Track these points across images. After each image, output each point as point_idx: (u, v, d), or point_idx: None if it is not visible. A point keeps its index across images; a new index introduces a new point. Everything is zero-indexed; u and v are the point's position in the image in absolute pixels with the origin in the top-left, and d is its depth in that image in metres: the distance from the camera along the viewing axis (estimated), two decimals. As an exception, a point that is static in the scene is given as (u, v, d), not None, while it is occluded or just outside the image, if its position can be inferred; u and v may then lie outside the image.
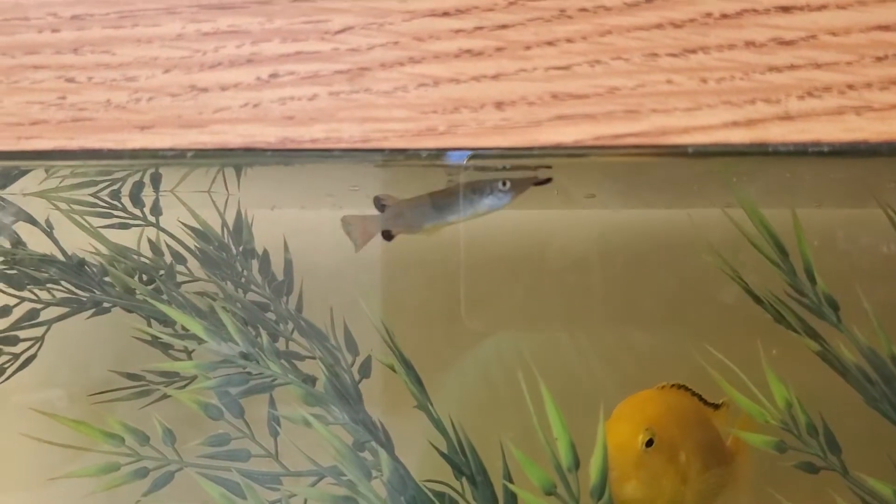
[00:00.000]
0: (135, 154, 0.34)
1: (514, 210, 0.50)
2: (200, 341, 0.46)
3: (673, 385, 0.49)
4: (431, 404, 0.46)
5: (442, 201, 0.47)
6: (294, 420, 0.46)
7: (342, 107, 0.33)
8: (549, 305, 0.61)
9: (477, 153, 0.34)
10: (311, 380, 0.47)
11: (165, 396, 0.52)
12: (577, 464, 0.40)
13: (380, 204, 0.48)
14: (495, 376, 0.55)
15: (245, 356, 0.45)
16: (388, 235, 0.49)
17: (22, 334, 0.56)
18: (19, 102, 0.35)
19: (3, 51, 0.35)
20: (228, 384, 0.45)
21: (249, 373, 0.46)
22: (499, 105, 0.33)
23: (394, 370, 0.48)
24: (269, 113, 0.34)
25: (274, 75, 0.34)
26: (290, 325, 0.52)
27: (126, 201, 0.58)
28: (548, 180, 0.45)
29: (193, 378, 0.53)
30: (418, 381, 0.47)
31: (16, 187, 0.58)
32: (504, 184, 0.46)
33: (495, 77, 0.33)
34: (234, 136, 0.34)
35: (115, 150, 0.34)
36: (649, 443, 0.44)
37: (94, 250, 0.55)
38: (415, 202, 0.48)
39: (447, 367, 0.59)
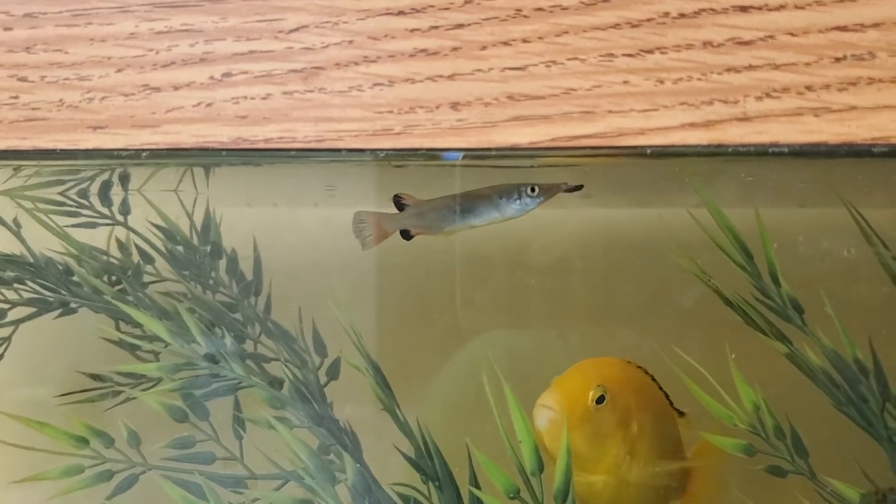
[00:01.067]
0: (88, 154, 0.34)
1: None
2: (166, 343, 0.46)
3: (642, 369, 0.49)
4: (398, 407, 0.46)
5: (468, 204, 0.45)
6: (258, 423, 0.46)
7: (296, 106, 0.33)
8: (522, 307, 0.61)
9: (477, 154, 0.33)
10: (277, 382, 0.47)
11: (131, 398, 0.51)
12: (541, 467, 0.40)
13: (399, 202, 0.47)
14: (466, 379, 0.55)
15: (209, 358, 0.45)
16: (406, 235, 0.47)
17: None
18: (-30, 100, 0.35)
19: (-46, 48, 0.35)
20: (192, 386, 0.45)
21: (214, 375, 0.45)
22: (454, 106, 0.33)
23: (361, 371, 0.48)
24: (223, 112, 0.33)
25: (227, 74, 0.33)
26: (258, 327, 0.52)
27: (94, 200, 0.57)
28: (579, 187, 0.44)
29: (160, 380, 0.53)
30: (385, 384, 0.46)
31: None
32: (533, 189, 0.44)
33: (451, 77, 0.33)
34: (187, 136, 0.33)
35: (69, 150, 0.34)
36: (600, 399, 0.43)
37: (62, 250, 0.55)
38: (439, 203, 0.46)
39: (421, 370, 0.58)
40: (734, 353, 0.46)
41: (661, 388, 0.48)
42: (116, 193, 0.58)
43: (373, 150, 0.32)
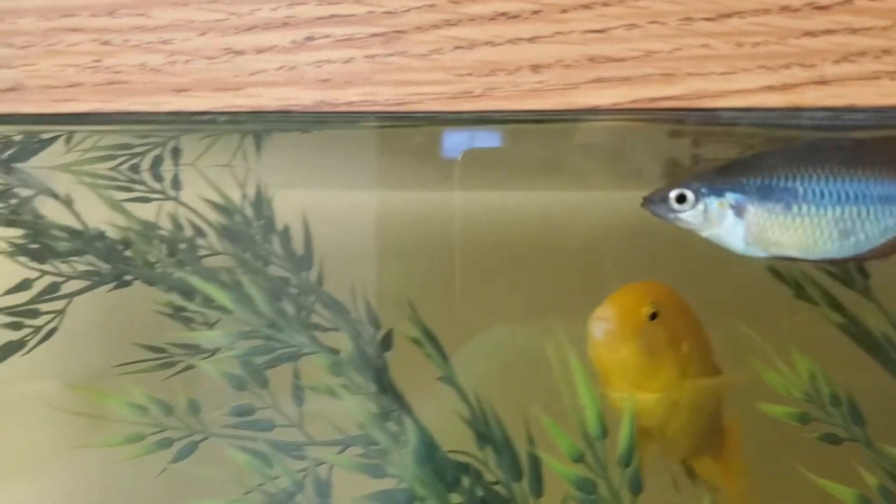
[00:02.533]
0: (169, 117, 0.34)
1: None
2: (227, 312, 0.46)
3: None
4: (455, 376, 0.46)
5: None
6: (318, 390, 0.46)
7: (378, 70, 0.33)
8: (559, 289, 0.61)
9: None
10: (334, 352, 0.47)
11: (188, 368, 0.52)
12: (604, 433, 0.41)
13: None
14: (517, 350, 0.56)
15: (272, 326, 0.45)
16: None
17: (43, 307, 0.57)
18: (55, 65, 0.35)
19: (40, 14, 0.35)
20: (254, 353, 0.45)
21: (275, 343, 0.46)
22: (535, 68, 0.33)
23: (418, 343, 0.48)
24: (305, 76, 0.34)
25: (309, 38, 0.34)
26: (312, 299, 0.52)
27: (146, 175, 0.58)
28: None
29: (215, 350, 0.53)
30: (442, 354, 0.47)
31: (35, 161, 0.59)
32: None
33: (531, 40, 0.33)
34: (269, 100, 0.34)
35: (150, 112, 0.35)
36: (653, 315, 0.43)
37: (116, 224, 0.55)
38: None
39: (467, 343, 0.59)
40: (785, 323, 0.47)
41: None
42: (167, 169, 0.59)
43: (453, 113, 0.33)
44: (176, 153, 0.58)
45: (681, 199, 0.40)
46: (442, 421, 0.47)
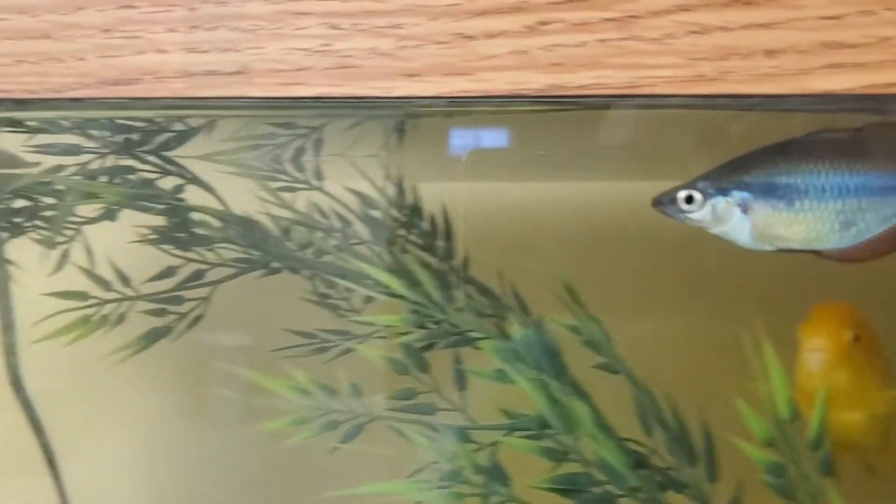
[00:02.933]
0: (398, 102, 0.35)
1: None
2: (401, 298, 0.47)
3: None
4: (621, 362, 0.47)
5: None
6: (482, 375, 0.47)
7: (610, 54, 0.34)
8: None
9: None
10: (505, 336, 0.48)
11: (345, 352, 0.53)
12: (795, 417, 0.41)
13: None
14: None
15: (442, 311, 0.46)
16: None
17: (188, 294, 0.58)
18: (283, 49, 0.36)
19: (270, -2, 0.36)
20: (428, 338, 0.46)
21: (448, 328, 0.46)
22: (769, 53, 0.33)
23: (577, 332, 0.49)
24: (537, 60, 0.34)
25: (542, 23, 0.34)
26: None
27: (287, 166, 0.59)
28: None
29: (364, 336, 0.54)
30: (607, 337, 0.47)
31: (180, 150, 0.59)
32: None
33: (766, 26, 0.33)
34: (500, 84, 0.34)
35: (380, 97, 0.35)
36: (856, 338, 0.45)
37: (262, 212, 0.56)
38: None
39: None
40: None
41: None
42: (308, 160, 0.60)
43: (688, 96, 0.33)
44: (318, 144, 0.59)
45: (689, 199, 0.41)
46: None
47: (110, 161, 0.58)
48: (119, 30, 0.36)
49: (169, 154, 0.56)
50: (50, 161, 0.58)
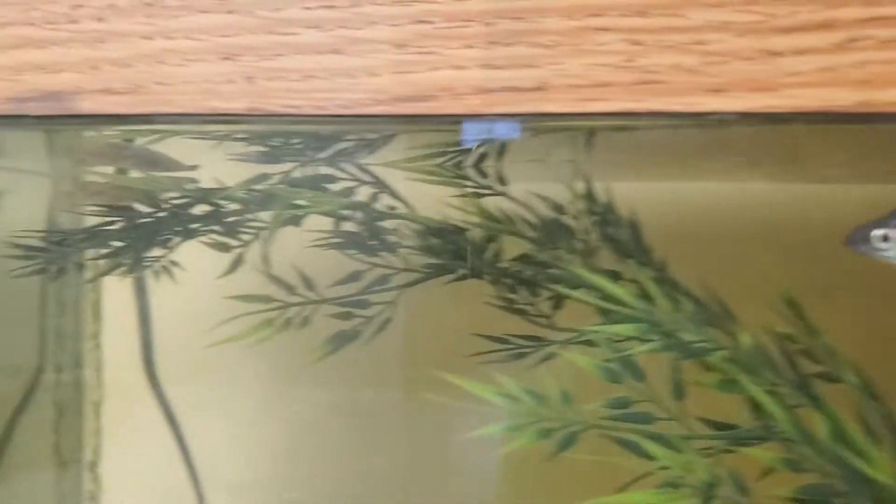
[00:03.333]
0: (698, 117, 0.35)
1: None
2: (626, 307, 0.47)
3: None
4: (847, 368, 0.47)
5: None
6: (710, 385, 0.47)
7: (921, 71, 0.34)
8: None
9: None
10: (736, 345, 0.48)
11: (546, 359, 0.53)
12: None
13: None
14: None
15: (673, 322, 0.46)
16: None
17: (374, 298, 0.58)
18: (584, 65, 0.36)
19: (566, 13, 0.36)
20: (667, 349, 0.46)
21: (678, 338, 0.47)
22: None
23: (790, 339, 0.49)
24: (845, 77, 0.34)
25: (851, 40, 0.34)
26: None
27: (470, 172, 0.59)
28: None
29: (557, 343, 0.54)
30: (829, 347, 0.47)
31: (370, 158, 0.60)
32: None
33: None
34: (808, 100, 0.35)
35: (683, 112, 0.35)
36: None
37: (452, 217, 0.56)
38: None
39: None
40: None
41: None
42: (489, 165, 0.60)
43: None
44: (501, 150, 0.59)
45: (885, 238, 0.42)
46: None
47: (289, 169, 0.60)
48: (413, 45, 0.36)
49: (362, 162, 0.57)
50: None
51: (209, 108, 0.36)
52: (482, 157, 0.60)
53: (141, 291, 0.79)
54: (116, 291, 0.78)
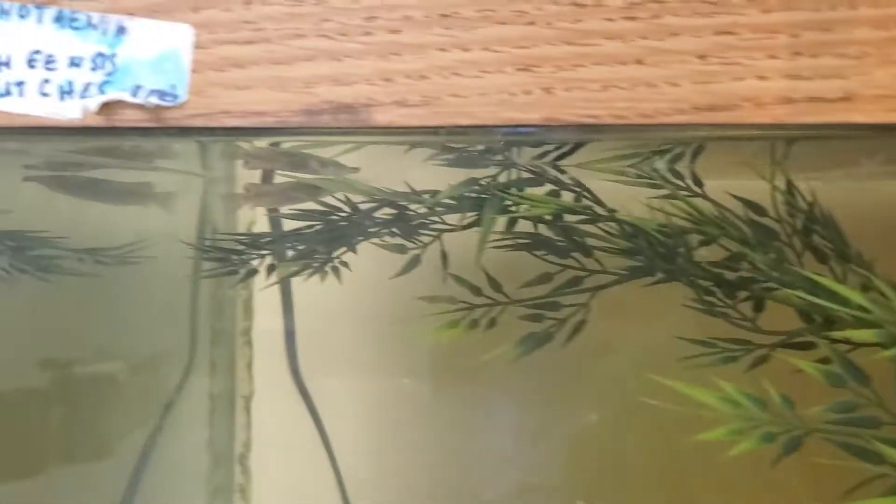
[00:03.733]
0: None
1: None
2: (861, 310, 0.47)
3: None
4: None
5: None
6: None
7: None
8: None
9: None
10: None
11: (759, 362, 0.53)
12: None
13: None
14: None
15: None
16: None
17: (565, 300, 0.58)
18: (893, 75, 0.36)
19: (878, 24, 0.36)
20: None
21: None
22: None
23: None
24: None
25: None
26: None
27: (665, 173, 0.59)
28: None
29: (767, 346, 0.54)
30: None
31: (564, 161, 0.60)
32: None
33: None
34: None
35: None
36: None
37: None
38: None
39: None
40: None
41: None
42: (683, 167, 0.60)
43: None
44: (697, 151, 0.59)
45: None
46: None
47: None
48: (716, 56, 0.36)
49: (560, 164, 0.57)
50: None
51: (504, 119, 0.37)
52: (676, 158, 0.59)
53: (286, 290, 0.80)
54: (266, 291, 0.79)
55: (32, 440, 0.67)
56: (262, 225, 0.79)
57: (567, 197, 0.60)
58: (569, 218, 0.58)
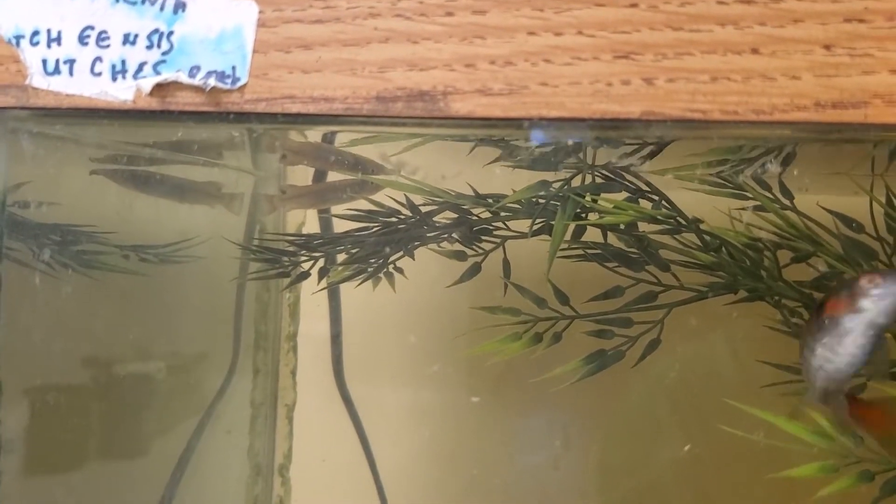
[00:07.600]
0: None
1: None
2: None
3: None
4: None
5: None
6: None
7: None
8: None
9: None
10: None
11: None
12: None
13: None
14: None
15: None
16: None
17: (639, 317, 0.55)
18: None
19: None
20: None
21: None
22: None
23: None
24: None
25: None
26: None
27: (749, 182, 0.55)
28: None
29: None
30: None
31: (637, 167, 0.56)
32: None
33: None
34: None
35: None
36: None
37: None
38: None
39: None
40: None
41: None
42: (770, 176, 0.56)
43: None
44: (787, 159, 0.55)
45: None
46: None
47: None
48: (843, 46, 0.32)
49: (636, 170, 0.53)
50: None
51: (598, 111, 0.33)
52: (764, 168, 0.55)
53: (335, 294, 0.77)
54: (314, 296, 0.75)
55: (70, 438, 0.64)
56: (311, 226, 0.77)
57: (644, 205, 0.57)
58: (643, 227, 0.54)
